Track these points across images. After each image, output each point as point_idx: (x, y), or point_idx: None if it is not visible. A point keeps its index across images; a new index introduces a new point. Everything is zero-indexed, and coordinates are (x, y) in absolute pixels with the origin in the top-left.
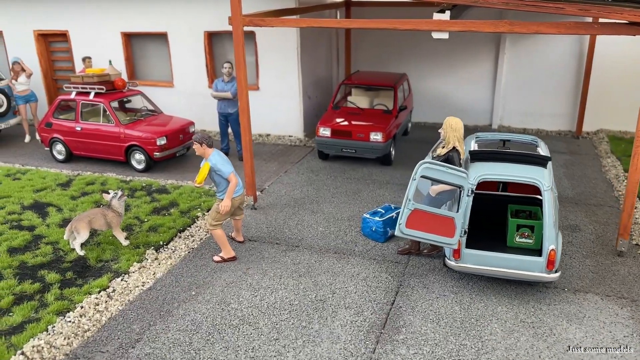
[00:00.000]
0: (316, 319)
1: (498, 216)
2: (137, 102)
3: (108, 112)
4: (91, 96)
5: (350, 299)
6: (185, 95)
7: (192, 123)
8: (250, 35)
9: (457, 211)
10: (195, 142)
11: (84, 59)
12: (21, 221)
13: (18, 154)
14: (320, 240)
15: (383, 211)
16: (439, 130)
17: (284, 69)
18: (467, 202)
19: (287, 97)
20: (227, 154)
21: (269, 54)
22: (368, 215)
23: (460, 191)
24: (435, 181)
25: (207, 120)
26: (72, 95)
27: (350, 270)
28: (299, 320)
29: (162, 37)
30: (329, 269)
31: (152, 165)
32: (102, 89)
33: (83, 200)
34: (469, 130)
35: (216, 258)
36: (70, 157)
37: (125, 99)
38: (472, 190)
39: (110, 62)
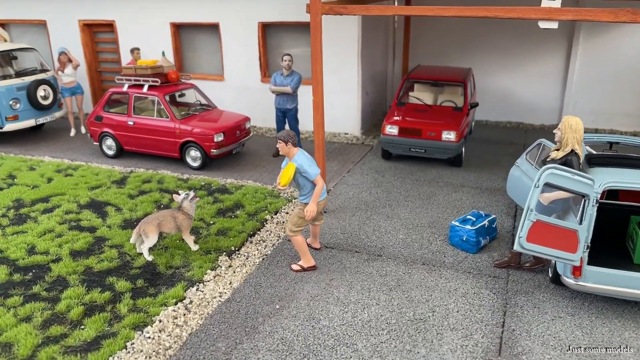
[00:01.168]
0: (420, 341)
1: (616, 229)
2: (189, 96)
3: (163, 106)
4: (145, 89)
5: (454, 318)
6: (236, 89)
7: (247, 119)
8: (305, 27)
9: (581, 223)
10: (280, 141)
11: (132, 50)
12: (80, 221)
13: (65, 149)
14: (403, 249)
15: (473, 219)
16: (554, 131)
17: (342, 62)
18: (591, 212)
19: (344, 92)
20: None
21: (325, 46)
22: (458, 223)
23: (585, 200)
24: (557, 188)
25: (257, 115)
26: (125, 88)
27: (446, 284)
28: (401, 342)
29: (213, 28)
30: (421, 282)
31: (207, 163)
32: (157, 81)
33: (142, 199)
34: (536, 131)
35: (295, 267)
36: (121, 153)
37: (178, 93)
38: (597, 200)
39: (163, 53)
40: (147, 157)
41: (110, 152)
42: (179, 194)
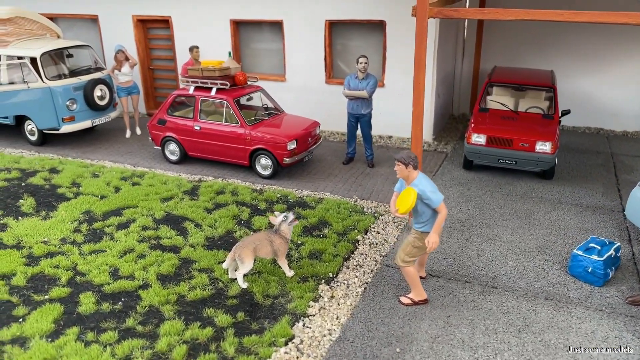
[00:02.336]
0: None
1: None
2: (255, 99)
3: (232, 111)
4: (213, 92)
5: None
6: (298, 91)
7: (318, 124)
8: (378, 26)
9: None
10: (398, 162)
11: (191, 49)
12: (160, 239)
13: (123, 152)
14: (519, 280)
15: (598, 247)
16: None
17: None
18: None
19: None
20: (352, 159)
21: (398, 47)
22: (581, 253)
23: None
24: None
25: (321, 118)
26: (190, 91)
27: (580, 326)
28: None
29: (276, 25)
30: (550, 322)
31: (278, 172)
32: (226, 84)
33: (219, 214)
34: (618, 138)
35: (405, 300)
36: (184, 158)
37: (247, 96)
38: None
39: (229, 54)
40: (212, 163)
41: (173, 158)
42: (276, 216)
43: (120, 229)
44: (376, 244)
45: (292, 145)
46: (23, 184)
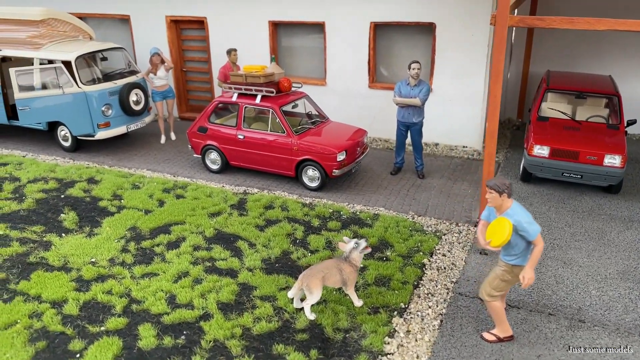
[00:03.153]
0: None
1: None
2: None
3: (278, 120)
4: (258, 100)
5: None
6: (339, 95)
7: (365, 132)
8: (427, 28)
9: None
10: (491, 190)
11: (229, 52)
12: (215, 261)
13: (160, 160)
14: (607, 312)
15: None
16: None
17: (466, 68)
18: None
19: (466, 101)
20: (400, 169)
21: (448, 51)
22: None
23: None
24: None
25: (363, 124)
26: (234, 98)
27: None
28: None
29: (318, 27)
30: None
31: (326, 184)
32: (272, 92)
33: (273, 232)
34: None
35: (489, 336)
36: (226, 167)
37: (292, 103)
38: None
39: (273, 59)
40: (255, 173)
41: (214, 167)
42: (346, 242)
43: (170, 248)
44: (444, 268)
45: (341, 157)
46: (62, 196)
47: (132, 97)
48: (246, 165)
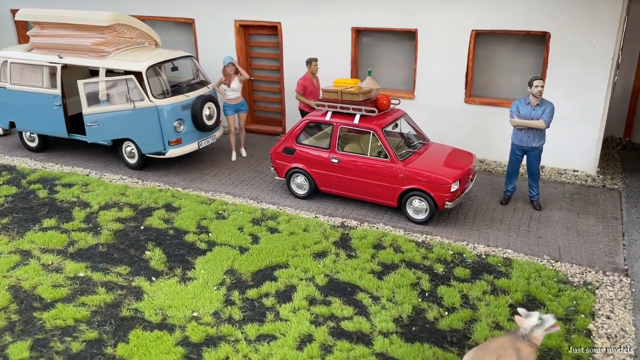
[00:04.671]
0: None
1: None
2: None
3: (380, 143)
4: (356, 120)
5: None
6: (430, 110)
7: (474, 157)
8: (539, 38)
9: None
10: None
11: (309, 62)
12: (339, 321)
13: (236, 181)
14: None
15: None
16: None
17: (584, 83)
18: None
19: (581, 119)
20: (510, 198)
21: (564, 63)
22: None
23: None
24: None
25: (456, 143)
26: (327, 117)
27: None
28: None
29: (408, 35)
30: None
31: (434, 216)
32: (374, 111)
33: (394, 280)
34: None
35: None
36: (314, 193)
37: (393, 124)
38: None
39: (369, 72)
40: (347, 201)
41: (300, 192)
42: (524, 315)
43: (281, 300)
44: (614, 336)
45: (455, 186)
46: (142, 227)
47: (205, 111)
48: (339, 192)
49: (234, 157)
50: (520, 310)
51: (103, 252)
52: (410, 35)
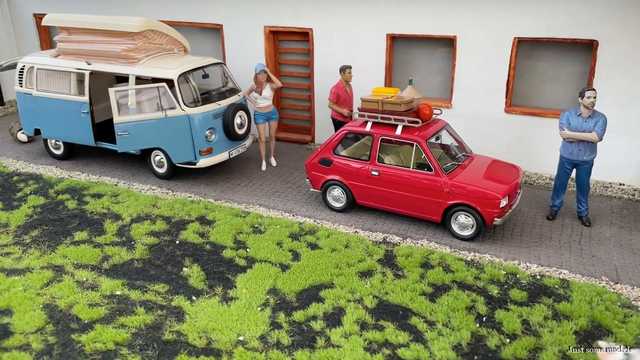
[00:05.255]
0: None
1: None
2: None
3: (424, 155)
4: (398, 131)
5: None
6: (468, 120)
7: (520, 170)
8: (586, 47)
9: None
10: None
11: (343, 69)
12: (395, 349)
13: (269, 192)
14: None
15: None
16: None
17: (633, 92)
18: None
19: (630, 131)
20: (556, 214)
21: (613, 73)
22: None
23: None
24: None
25: (497, 154)
26: (367, 128)
27: None
28: None
29: (446, 42)
30: None
31: (481, 233)
32: (417, 122)
33: (447, 304)
34: None
35: None
36: (351, 206)
37: (436, 135)
38: None
39: (410, 81)
40: (386, 214)
41: (337, 205)
42: (605, 349)
43: (331, 324)
44: None
45: (504, 202)
46: (177, 242)
47: (237, 120)
48: (379, 205)
49: (264, 167)
50: (600, 343)
51: (139, 268)
52: (448, 42)
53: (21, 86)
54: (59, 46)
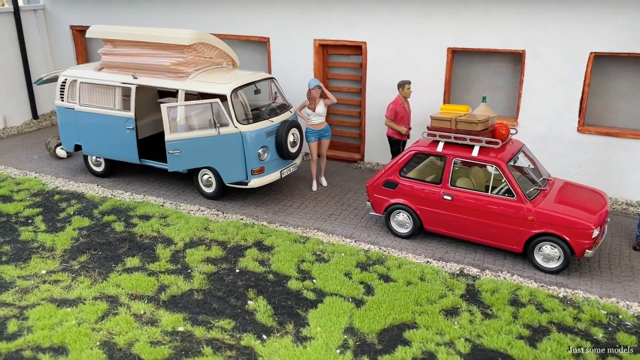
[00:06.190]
0: None
1: None
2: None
3: (504, 179)
4: (475, 152)
5: None
6: (535, 140)
7: (606, 196)
8: None
9: None
10: None
11: (402, 85)
12: None
13: (324, 215)
14: None
15: None
16: None
17: None
18: None
19: None
20: None
21: None
22: None
23: None
24: None
25: (562, 177)
26: (439, 148)
27: None
28: None
29: (513, 56)
30: None
31: (568, 265)
32: (497, 143)
33: (550, 349)
34: None
35: None
36: (418, 232)
37: (515, 157)
38: None
39: (484, 99)
40: (457, 242)
41: (402, 231)
42: None
43: None
44: None
45: (597, 232)
46: (237, 270)
47: (290, 138)
48: (450, 232)
49: (314, 187)
50: None
51: (199, 300)
52: (515, 57)
53: (62, 100)
54: (103, 59)
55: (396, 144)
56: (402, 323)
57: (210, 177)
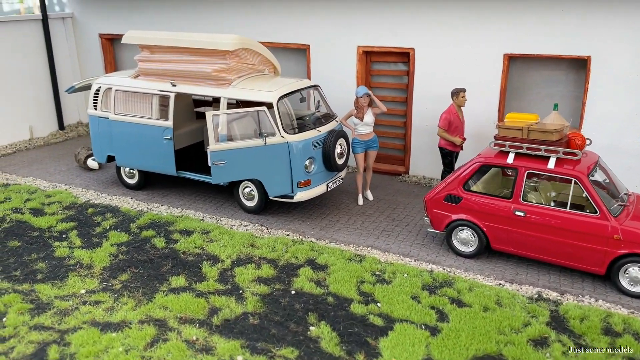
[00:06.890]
0: None
1: None
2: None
3: (586, 194)
4: (551, 164)
5: None
6: (600, 151)
7: None
8: None
9: None
10: None
11: (456, 93)
12: None
13: (376, 232)
14: None
15: None
16: None
17: None
18: None
19: None
20: None
21: None
22: None
23: None
24: None
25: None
26: (510, 160)
27: None
28: None
29: (576, 62)
30: None
31: None
32: (575, 154)
33: None
34: None
35: None
36: (484, 251)
37: (593, 169)
38: None
39: (555, 106)
40: (527, 262)
41: (466, 250)
42: None
43: None
44: None
45: None
46: (292, 292)
47: (337, 149)
48: (522, 252)
49: (360, 201)
50: None
51: (256, 325)
52: (579, 63)
53: (95, 109)
54: (140, 66)
55: (449, 156)
56: (486, 355)
57: (252, 190)
